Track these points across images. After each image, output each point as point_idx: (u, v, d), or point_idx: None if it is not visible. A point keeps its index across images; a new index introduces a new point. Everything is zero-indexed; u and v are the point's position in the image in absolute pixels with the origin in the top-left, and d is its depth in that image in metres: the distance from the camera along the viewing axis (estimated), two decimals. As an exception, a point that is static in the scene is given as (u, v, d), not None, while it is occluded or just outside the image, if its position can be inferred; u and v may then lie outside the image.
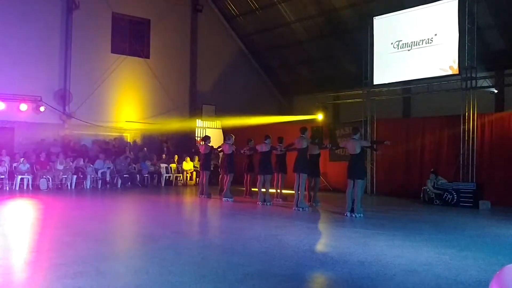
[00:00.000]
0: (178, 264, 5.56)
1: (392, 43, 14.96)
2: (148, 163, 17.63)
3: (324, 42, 19.69)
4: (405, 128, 15.07)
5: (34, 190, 14.36)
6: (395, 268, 5.57)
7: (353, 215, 9.90)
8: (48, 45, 17.27)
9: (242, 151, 13.31)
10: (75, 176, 15.38)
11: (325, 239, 7.39)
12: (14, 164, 14.68)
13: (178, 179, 18.21)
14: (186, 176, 18.36)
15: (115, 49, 18.90)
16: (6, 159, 14.67)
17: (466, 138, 13.10)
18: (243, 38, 22.38)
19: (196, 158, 17.41)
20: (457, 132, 13.30)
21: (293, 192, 11.17)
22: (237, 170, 13.24)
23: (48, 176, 14.78)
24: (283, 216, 10.28)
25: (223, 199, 12.60)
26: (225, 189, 12.70)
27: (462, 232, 8.49)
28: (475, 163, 12.97)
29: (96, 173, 16.05)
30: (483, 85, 13.68)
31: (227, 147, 13.01)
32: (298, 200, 10.96)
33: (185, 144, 19.60)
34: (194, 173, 18.13)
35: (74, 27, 17.71)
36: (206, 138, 14.00)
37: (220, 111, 20.74)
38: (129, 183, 16.69)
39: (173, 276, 5.02)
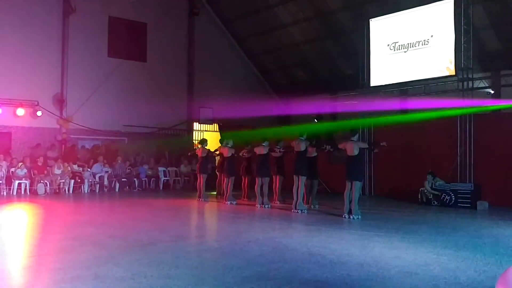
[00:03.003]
0: (177, 268, 5.55)
1: (388, 45, 15.01)
2: (146, 166, 17.61)
3: (321, 44, 19.73)
4: (402, 129, 15.07)
5: (31, 195, 14.32)
6: (393, 269, 5.58)
7: (351, 217, 9.91)
8: (45, 50, 17.23)
9: (241, 154, 13.32)
10: (72, 181, 15.34)
11: (323, 241, 7.38)
12: (12, 169, 14.64)
13: (176, 182, 18.19)
14: (184, 180, 18.33)
15: (112, 53, 18.87)
16: (4, 164, 14.63)
17: (463, 138, 13.12)
18: (240, 41, 22.40)
19: (194, 161, 17.38)
20: (454, 133, 13.32)
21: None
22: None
23: (45, 181, 14.74)
24: (281, 219, 10.28)
25: (227, 202, 12.61)
26: (228, 192, 12.72)
27: (460, 233, 8.50)
28: (472, 163, 12.99)
29: (94, 177, 16.01)
30: (479, 85, 13.72)
31: (226, 150, 13.04)
32: (297, 203, 10.97)
33: (182, 147, 19.58)
34: (192, 176, 18.09)
35: (71, 31, 17.68)
36: (203, 141, 14.02)
37: (218, 114, 20.74)
38: (127, 187, 16.66)
39: (172, 280, 5.02)
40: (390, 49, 14.89)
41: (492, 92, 14.29)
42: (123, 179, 16.57)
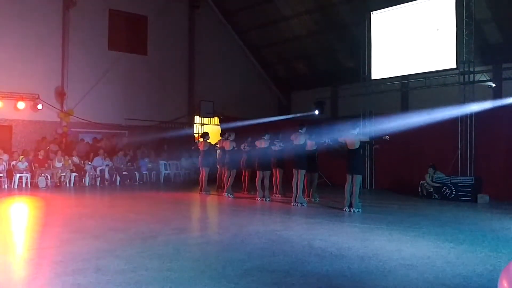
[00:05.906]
0: (177, 261, 5.57)
1: (389, 38, 14.95)
2: (146, 160, 17.62)
3: (322, 37, 19.67)
4: (403, 123, 15.02)
5: (32, 188, 14.35)
6: (394, 262, 5.59)
7: (352, 210, 9.93)
8: (45, 43, 17.21)
9: (242, 147, 13.33)
10: (73, 174, 15.37)
11: (324, 234, 7.40)
12: (13, 162, 14.66)
13: (177, 176, 18.19)
14: (185, 173, 18.34)
15: (112, 46, 18.84)
16: (5, 157, 14.65)
17: (464, 132, 13.10)
18: (240, 34, 22.34)
19: (194, 154, 17.37)
20: (455, 126, 13.30)
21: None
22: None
23: (46, 174, 14.76)
24: (281, 212, 10.30)
25: (225, 194, 12.66)
26: (228, 185, 12.76)
27: (460, 226, 8.50)
28: (473, 157, 12.98)
29: (95, 170, 16.03)
30: (480, 79, 13.67)
31: (228, 143, 13.06)
32: (296, 196, 10.98)
33: (183, 140, 19.58)
34: (193, 169, 18.10)
35: (71, 24, 17.65)
36: (205, 135, 14.04)
37: (219, 107, 20.73)
38: (128, 180, 16.68)
39: (173, 272, 5.03)
40: (391, 42, 14.84)
41: (494, 85, 14.24)
42: (124, 173, 16.59)
